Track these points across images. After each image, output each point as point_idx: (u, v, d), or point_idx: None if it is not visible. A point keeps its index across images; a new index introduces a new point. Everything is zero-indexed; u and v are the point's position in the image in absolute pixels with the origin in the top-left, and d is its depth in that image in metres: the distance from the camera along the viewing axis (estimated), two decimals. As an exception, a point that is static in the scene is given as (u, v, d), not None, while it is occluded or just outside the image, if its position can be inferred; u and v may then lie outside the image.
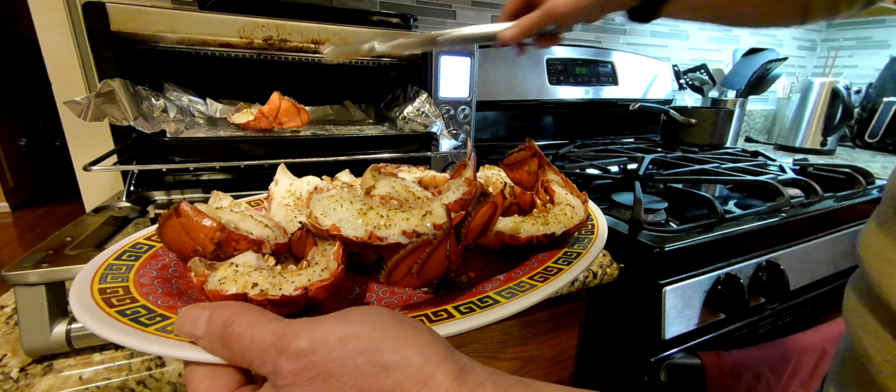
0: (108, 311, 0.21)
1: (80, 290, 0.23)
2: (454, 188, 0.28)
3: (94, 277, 0.25)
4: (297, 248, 0.29)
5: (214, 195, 0.34)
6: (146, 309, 0.22)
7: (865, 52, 1.63)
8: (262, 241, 0.27)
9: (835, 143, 1.36)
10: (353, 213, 0.26)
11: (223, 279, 0.22)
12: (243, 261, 0.24)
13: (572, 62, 1.12)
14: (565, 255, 0.28)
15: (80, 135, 0.79)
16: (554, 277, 0.25)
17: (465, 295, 0.25)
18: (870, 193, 0.78)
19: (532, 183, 0.36)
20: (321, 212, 0.26)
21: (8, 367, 0.34)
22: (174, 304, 0.23)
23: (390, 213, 0.26)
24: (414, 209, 0.27)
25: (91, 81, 0.77)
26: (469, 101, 0.72)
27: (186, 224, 0.26)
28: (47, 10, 0.72)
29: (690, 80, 1.31)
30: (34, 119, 3.17)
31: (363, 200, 0.27)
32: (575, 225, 0.30)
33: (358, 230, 0.25)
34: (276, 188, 0.37)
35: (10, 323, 0.40)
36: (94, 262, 0.27)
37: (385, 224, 0.25)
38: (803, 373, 0.61)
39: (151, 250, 0.30)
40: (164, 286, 0.25)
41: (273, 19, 0.57)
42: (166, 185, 0.61)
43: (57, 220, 2.83)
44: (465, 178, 0.29)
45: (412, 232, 0.25)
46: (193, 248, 0.26)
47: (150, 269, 0.28)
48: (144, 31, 0.52)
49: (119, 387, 0.34)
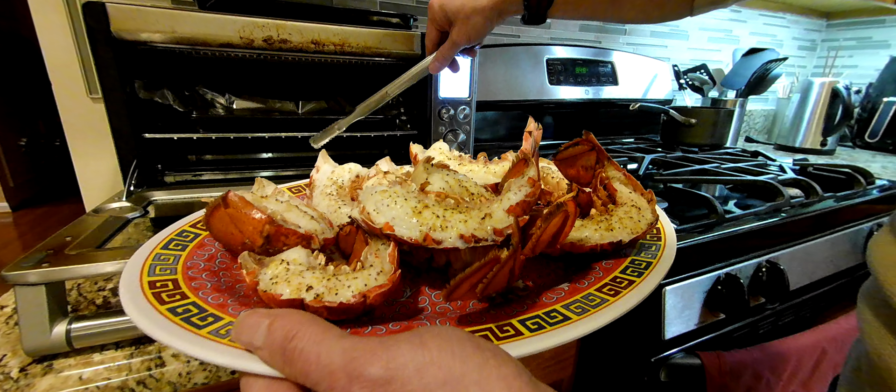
0: (160, 309, 0.20)
1: (129, 283, 0.23)
2: (515, 189, 0.26)
3: (143, 268, 0.24)
4: (345, 243, 0.28)
5: (258, 182, 0.32)
6: (197, 307, 0.21)
7: (865, 52, 1.63)
8: (311, 235, 0.26)
9: (835, 144, 1.36)
10: (407, 212, 0.24)
11: (275, 278, 0.21)
12: (293, 258, 0.23)
13: (572, 62, 1.12)
14: (633, 263, 0.26)
15: (80, 135, 0.79)
16: (626, 291, 0.23)
17: (527, 307, 0.23)
18: (870, 193, 0.78)
19: (588, 179, 0.33)
20: (374, 208, 0.25)
21: (8, 367, 0.34)
22: (225, 302, 0.22)
23: (447, 214, 0.24)
24: (472, 210, 0.25)
25: (91, 81, 0.77)
26: (469, 101, 0.72)
27: (235, 216, 0.25)
28: (47, 10, 0.72)
29: (690, 80, 1.31)
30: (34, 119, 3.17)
31: (418, 197, 0.26)
32: (643, 230, 0.28)
33: (412, 231, 0.24)
34: (317, 175, 0.36)
35: (10, 323, 0.40)
36: (141, 251, 0.26)
37: (441, 225, 0.24)
38: (803, 373, 0.61)
39: (198, 239, 0.29)
40: (212, 279, 0.25)
41: (273, 19, 0.57)
42: (166, 186, 0.61)
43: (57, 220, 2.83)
44: (529, 177, 0.26)
45: (470, 236, 0.23)
46: (241, 241, 0.25)
47: (198, 259, 0.27)
48: (144, 31, 0.52)
49: (119, 387, 0.35)
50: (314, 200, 0.34)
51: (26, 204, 3.07)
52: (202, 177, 0.65)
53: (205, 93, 0.72)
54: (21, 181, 3.04)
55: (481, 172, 0.36)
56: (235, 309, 0.21)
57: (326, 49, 0.61)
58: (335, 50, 0.61)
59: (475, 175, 0.36)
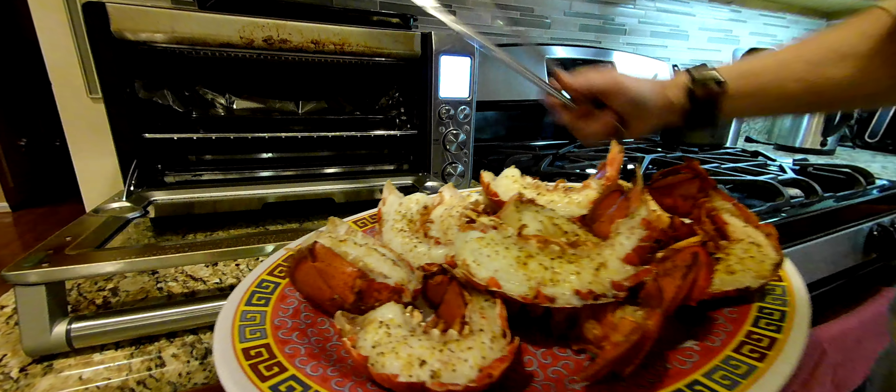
0: (262, 388, 0.19)
1: (224, 352, 0.21)
2: (626, 232, 0.23)
3: (234, 330, 0.23)
4: (434, 293, 0.26)
5: (331, 222, 0.31)
6: (299, 383, 0.20)
7: (865, 52, 1.63)
8: (402, 288, 0.25)
9: (835, 144, 1.36)
10: (510, 263, 0.22)
11: (377, 346, 0.20)
12: (390, 318, 0.22)
13: (572, 62, 1.12)
14: (763, 313, 0.22)
15: (80, 135, 0.79)
16: (773, 354, 0.20)
17: (662, 377, 0.20)
18: (870, 193, 0.78)
19: (688, 209, 0.29)
20: (473, 259, 0.23)
21: (8, 367, 0.34)
22: (325, 375, 0.21)
23: (555, 265, 0.22)
24: (581, 259, 0.22)
25: (91, 81, 0.77)
26: (469, 101, 0.72)
27: (324, 271, 0.24)
28: (47, 11, 0.72)
29: (690, 80, 1.31)
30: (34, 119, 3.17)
31: (518, 245, 0.23)
32: (769, 274, 0.24)
33: (521, 286, 0.21)
34: (384, 208, 0.35)
35: (10, 323, 0.40)
36: (227, 311, 0.25)
37: (551, 278, 0.21)
38: (803, 373, 0.61)
39: (278, 290, 0.28)
40: (303, 342, 0.23)
41: (273, 19, 0.57)
42: (166, 186, 0.61)
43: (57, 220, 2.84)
44: (642, 219, 0.23)
45: (588, 292, 0.21)
46: (330, 297, 0.24)
47: (283, 316, 0.26)
48: (144, 31, 0.52)
49: (119, 387, 0.34)
50: (385, 236, 0.33)
51: (26, 204, 3.08)
52: (202, 177, 0.65)
53: (205, 93, 0.72)
54: (21, 181, 3.04)
55: (563, 203, 0.34)
56: (339, 384, 0.20)
57: (326, 49, 0.61)
58: (335, 50, 0.61)
59: (557, 206, 0.33)
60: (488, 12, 1.11)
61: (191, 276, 0.49)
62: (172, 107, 0.66)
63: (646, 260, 0.22)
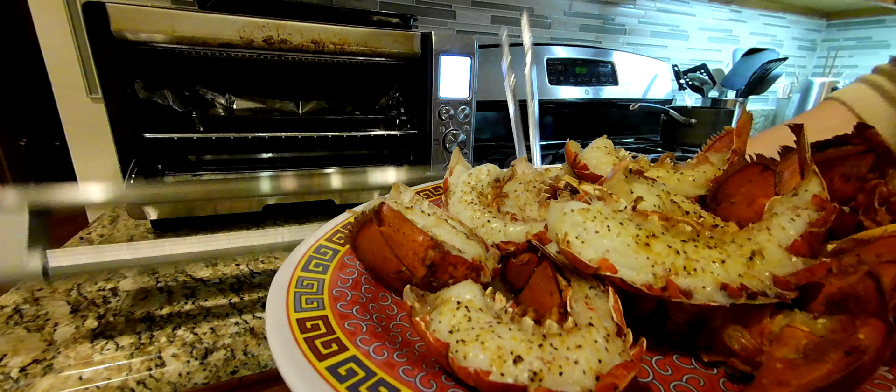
0: (319, 368, 0.16)
1: (278, 322, 0.19)
2: (789, 213, 0.17)
3: (289, 297, 0.21)
4: (517, 275, 0.22)
5: (395, 188, 0.28)
6: (361, 366, 0.17)
7: (865, 52, 1.63)
8: (481, 265, 0.21)
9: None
10: (628, 242, 0.17)
11: (458, 334, 0.16)
12: (468, 300, 0.18)
13: (572, 62, 1.12)
14: None
15: (80, 135, 0.79)
16: None
17: None
18: (870, 193, 0.78)
19: (851, 193, 0.23)
20: (577, 234, 0.18)
21: (8, 367, 0.34)
22: (391, 359, 0.18)
23: (689, 249, 0.17)
24: (726, 245, 0.17)
25: (91, 81, 0.77)
26: (469, 101, 0.72)
27: (391, 237, 0.21)
28: (47, 10, 0.72)
29: (690, 80, 1.31)
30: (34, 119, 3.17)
31: (636, 222, 0.18)
32: None
33: (644, 273, 0.16)
34: (452, 179, 0.32)
35: (11, 323, 0.40)
36: (282, 274, 0.22)
37: (685, 265, 0.16)
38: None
39: (337, 257, 0.25)
40: (364, 318, 0.21)
41: (273, 19, 0.57)
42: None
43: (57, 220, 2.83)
44: (814, 196, 0.17)
45: (739, 287, 0.15)
46: (397, 269, 0.21)
47: (343, 287, 0.23)
48: (144, 31, 0.52)
49: (119, 387, 0.34)
50: (452, 208, 0.29)
51: (26, 204, 3.07)
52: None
53: (205, 93, 0.72)
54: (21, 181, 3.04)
55: (674, 180, 0.28)
56: (408, 373, 0.17)
57: (326, 49, 0.61)
58: (335, 50, 0.61)
59: (666, 184, 0.27)
60: (488, 13, 1.11)
61: (191, 276, 0.49)
62: (172, 107, 0.66)
63: (816, 253, 0.17)
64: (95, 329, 0.39)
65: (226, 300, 0.44)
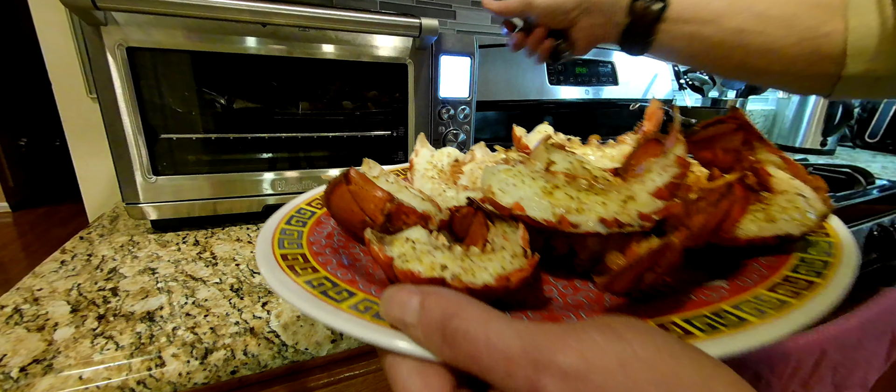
0: (297, 280, 0.21)
1: (265, 254, 0.24)
2: (658, 169, 0.22)
3: (273, 242, 0.25)
4: (460, 225, 0.27)
5: (366, 163, 0.32)
6: (330, 282, 0.21)
7: (865, 52, 1.63)
8: (429, 215, 0.26)
9: (835, 144, 1.36)
10: (536, 192, 0.23)
11: (404, 256, 0.21)
12: (416, 237, 0.22)
13: (572, 62, 1.12)
14: (804, 263, 0.21)
15: (80, 135, 0.79)
16: (809, 293, 0.19)
17: (684, 304, 0.19)
18: (870, 193, 0.78)
19: (729, 164, 0.28)
20: (499, 187, 0.23)
21: (8, 367, 0.34)
22: (354, 278, 0.22)
23: (582, 196, 0.22)
24: (609, 192, 0.22)
25: (91, 82, 0.77)
26: (469, 100, 0.72)
27: (357, 193, 0.26)
28: (47, 10, 0.72)
29: (690, 79, 1.31)
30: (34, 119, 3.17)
31: (545, 177, 0.24)
32: (815, 222, 0.22)
33: (545, 212, 0.22)
34: (417, 159, 0.37)
35: (11, 323, 0.40)
36: (268, 226, 0.27)
37: (577, 207, 0.22)
38: (803, 373, 0.61)
39: (314, 217, 0.30)
40: (335, 256, 0.25)
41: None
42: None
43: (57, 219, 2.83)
44: (676, 156, 0.22)
45: (613, 220, 0.21)
46: (361, 219, 0.26)
47: (318, 236, 0.28)
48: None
49: (119, 387, 0.35)
50: (416, 184, 0.34)
51: (26, 204, 3.07)
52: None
53: (205, 93, 0.72)
54: (21, 181, 3.04)
55: (596, 156, 0.34)
56: (365, 286, 0.22)
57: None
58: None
59: (589, 158, 0.33)
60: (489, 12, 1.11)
61: (191, 276, 0.49)
62: (172, 107, 0.66)
63: (679, 197, 0.22)
64: (95, 329, 0.39)
65: (226, 300, 0.44)
